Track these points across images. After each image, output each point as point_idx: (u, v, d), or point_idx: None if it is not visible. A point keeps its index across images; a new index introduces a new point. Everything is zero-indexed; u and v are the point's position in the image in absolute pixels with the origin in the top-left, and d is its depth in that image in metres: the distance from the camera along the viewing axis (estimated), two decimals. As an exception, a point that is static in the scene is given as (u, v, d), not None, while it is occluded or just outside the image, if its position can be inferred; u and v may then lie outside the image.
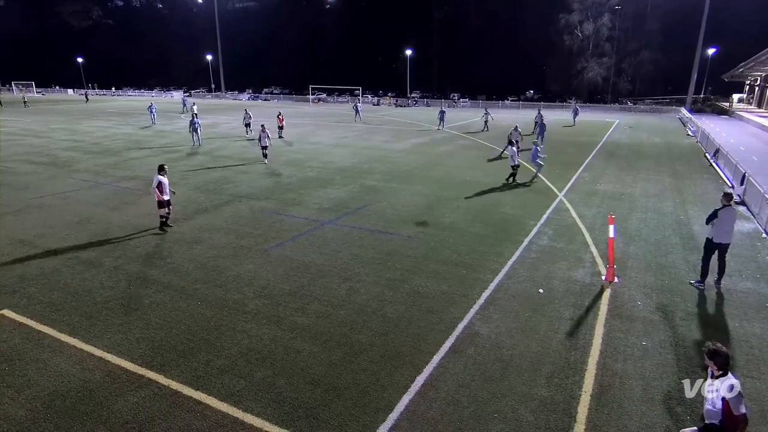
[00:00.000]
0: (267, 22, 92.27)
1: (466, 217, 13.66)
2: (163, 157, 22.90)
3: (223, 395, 6.05)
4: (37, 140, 29.36)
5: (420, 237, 11.89)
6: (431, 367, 6.64)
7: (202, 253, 10.81)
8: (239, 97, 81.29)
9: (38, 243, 11.40)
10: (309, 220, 13.28)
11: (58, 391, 6.12)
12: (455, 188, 17.07)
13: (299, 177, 18.80)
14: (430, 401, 5.98)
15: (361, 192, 16.49)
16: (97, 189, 16.79)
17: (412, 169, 20.56)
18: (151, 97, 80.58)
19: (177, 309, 8.24)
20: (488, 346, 7.16)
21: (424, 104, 67.29)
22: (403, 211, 14.18)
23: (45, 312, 8.11)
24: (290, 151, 25.21)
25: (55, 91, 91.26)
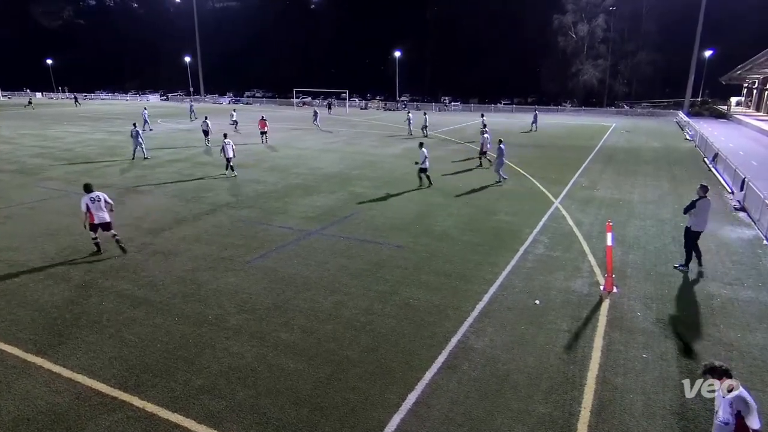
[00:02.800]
0: (249, 23, 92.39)
1: (458, 224, 13.71)
2: (138, 164, 22.70)
3: (202, 417, 5.95)
4: (4, 146, 28.95)
5: (411, 246, 11.89)
6: (423, 384, 6.60)
7: (180, 265, 10.69)
8: (219, 100, 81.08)
9: (3, 257, 11.19)
10: (294, 229, 13.22)
11: (23, 416, 5.97)
12: (447, 195, 17.14)
13: (284, 184, 18.75)
14: (423, 420, 5.94)
15: (349, 199, 16.48)
16: (67, 198, 16.56)
17: (402, 174, 20.62)
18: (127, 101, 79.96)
19: (153, 325, 8.12)
20: (483, 361, 7.15)
21: (414, 107, 67.70)
22: (393, 219, 14.19)
23: (9, 330, 7.94)
24: (275, 157, 25.17)
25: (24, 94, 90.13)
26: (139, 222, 13.83)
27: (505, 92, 76.27)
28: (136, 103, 74.66)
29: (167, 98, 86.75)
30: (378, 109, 66.16)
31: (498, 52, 74.35)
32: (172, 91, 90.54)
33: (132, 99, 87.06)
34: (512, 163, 23.45)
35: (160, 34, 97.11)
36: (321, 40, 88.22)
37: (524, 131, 39.16)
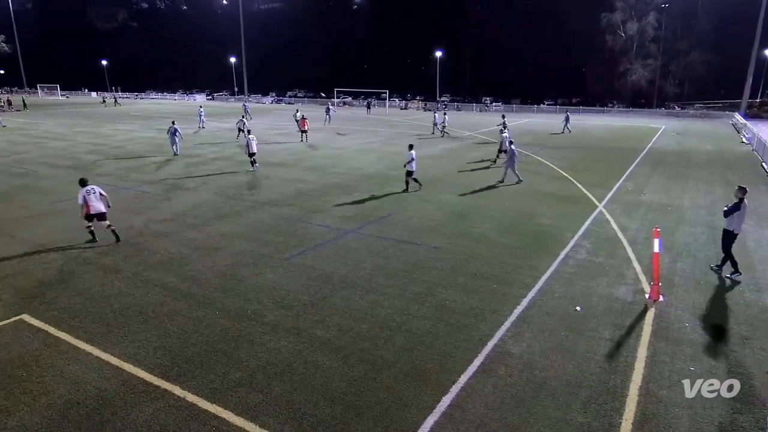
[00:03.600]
0: (292, 23, 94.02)
1: (497, 227, 13.52)
2: (184, 161, 23.50)
3: (239, 409, 6.11)
4: (61, 143, 30.57)
5: (448, 248, 11.81)
6: (458, 387, 6.55)
7: (221, 260, 11.00)
8: (262, 100, 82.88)
9: (59, 247, 11.82)
10: (332, 228, 13.37)
11: (74, 399, 6.29)
12: (486, 196, 16.93)
13: (323, 183, 18.98)
14: (457, 423, 5.89)
15: (387, 200, 16.53)
16: (117, 193, 17.30)
17: (441, 175, 20.51)
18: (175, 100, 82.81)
19: (195, 318, 8.39)
20: (520, 367, 7.02)
21: (454, 108, 67.18)
22: (430, 220, 14.14)
23: (63, 318, 8.37)
24: (315, 156, 25.51)
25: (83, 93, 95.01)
26: (183, 217, 14.31)
27: (548, 92, 74.64)
28: (184, 103, 77.25)
29: (213, 98, 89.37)
30: (418, 110, 66.04)
31: (541, 51, 72.77)
32: (218, 91, 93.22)
33: (179, 98, 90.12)
34: (555, 166, 22.95)
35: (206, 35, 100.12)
36: (362, 40, 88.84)
37: (554, 133, 38.12)
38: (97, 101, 79.61)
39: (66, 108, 65.12)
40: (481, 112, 63.12)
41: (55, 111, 59.30)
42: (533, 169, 22.43)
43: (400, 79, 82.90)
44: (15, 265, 10.73)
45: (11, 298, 9.11)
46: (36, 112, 57.31)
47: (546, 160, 24.54)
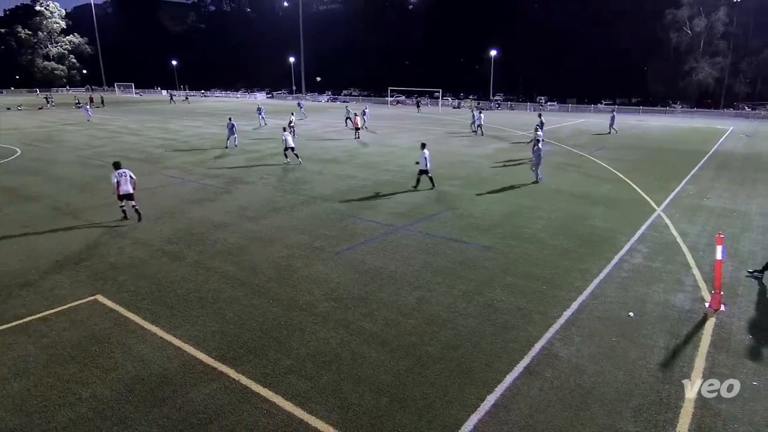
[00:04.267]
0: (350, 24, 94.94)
1: (549, 228, 13.14)
2: (243, 157, 24.31)
3: (289, 395, 6.27)
4: (134, 138, 32.41)
5: (497, 248, 11.61)
6: (503, 387, 6.43)
7: (276, 251, 11.32)
8: (319, 98, 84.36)
9: (129, 234, 12.55)
10: (382, 224, 13.45)
11: (139, 376, 6.67)
12: (538, 197, 16.49)
13: (374, 180, 19.10)
14: (501, 423, 5.79)
15: (437, 198, 16.43)
16: (183, 186, 18.17)
17: (492, 175, 20.16)
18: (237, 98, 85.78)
19: (250, 306, 8.69)
20: (568, 371, 6.80)
21: (507, 107, 65.78)
22: (480, 219, 13.93)
23: (132, 300, 8.89)
24: (367, 154, 25.71)
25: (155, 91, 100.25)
26: (242, 210, 14.82)
27: (606, 92, 71.53)
28: (245, 101, 79.88)
29: (272, 96, 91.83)
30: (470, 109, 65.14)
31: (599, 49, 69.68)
32: (277, 90, 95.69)
33: (241, 97, 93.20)
34: (611, 168, 22.03)
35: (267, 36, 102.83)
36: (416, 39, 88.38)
37: (600, 133, 36.39)
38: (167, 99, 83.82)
39: (139, 105, 68.91)
40: (535, 112, 61.44)
41: (129, 108, 62.91)
42: (587, 170, 21.63)
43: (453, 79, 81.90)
44: (91, 249, 11.49)
45: (87, 279, 9.77)
46: (113, 108, 61.02)
47: (602, 162, 23.58)
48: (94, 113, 46.81)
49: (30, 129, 37.98)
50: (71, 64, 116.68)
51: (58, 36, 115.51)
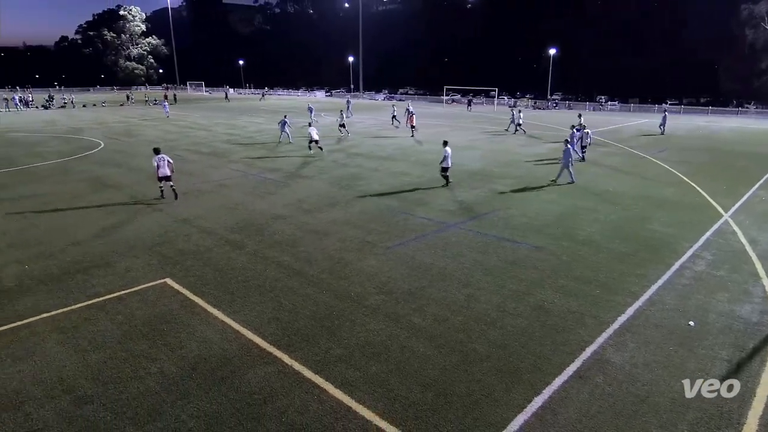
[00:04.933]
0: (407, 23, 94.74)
1: (604, 231, 12.59)
2: (301, 153, 24.88)
3: (339, 383, 6.38)
4: (203, 133, 33.95)
5: (550, 249, 11.25)
6: (551, 390, 6.24)
7: (330, 244, 11.53)
8: (375, 97, 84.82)
9: (196, 223, 13.18)
10: (434, 221, 13.37)
11: (202, 355, 7.02)
12: (595, 199, 15.82)
13: (428, 178, 19.01)
14: (547, 426, 5.63)
15: (489, 197, 16.14)
16: (246, 179, 18.85)
17: (546, 175, 19.54)
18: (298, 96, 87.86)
19: (304, 295, 8.91)
20: (620, 377, 6.50)
21: (565, 106, 63.49)
22: (533, 219, 13.56)
23: (197, 284, 9.35)
24: (421, 151, 25.61)
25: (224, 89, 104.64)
26: (300, 203, 15.20)
27: (671, 92, 67.35)
28: (305, 99, 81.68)
29: (331, 94, 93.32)
30: (527, 108, 63.37)
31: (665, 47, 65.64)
32: (336, 88, 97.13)
33: (302, 95, 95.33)
34: (675, 170, 20.78)
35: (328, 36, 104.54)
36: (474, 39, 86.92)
37: (647, 134, 34.20)
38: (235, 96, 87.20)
39: (208, 102, 72.05)
40: (594, 111, 58.89)
41: (199, 105, 65.92)
42: (648, 172, 20.50)
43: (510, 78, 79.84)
44: (162, 236, 12.17)
45: (158, 263, 10.37)
46: (184, 105, 64.18)
47: (664, 164, 22.28)
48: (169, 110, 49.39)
49: (112, 124, 40.67)
50: (149, 64, 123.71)
51: (139, 38, 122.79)
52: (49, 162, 22.80)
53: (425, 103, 70.99)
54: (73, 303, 8.56)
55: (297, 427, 5.61)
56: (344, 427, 5.62)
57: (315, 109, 41.85)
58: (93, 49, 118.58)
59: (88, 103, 65.73)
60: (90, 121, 42.49)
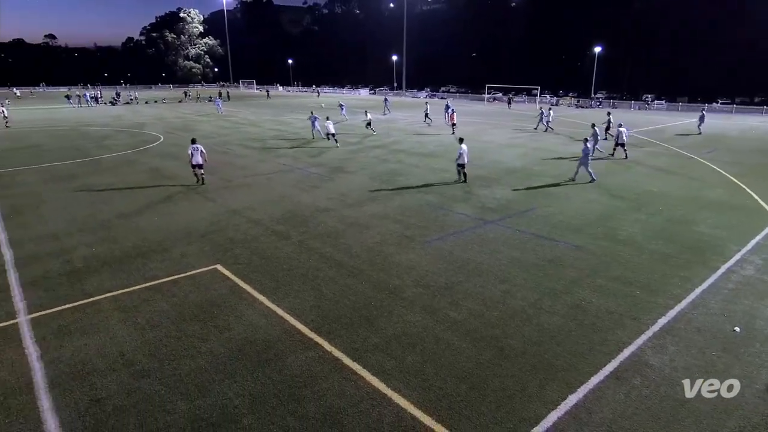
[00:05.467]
0: (451, 22, 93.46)
1: (646, 231, 12.05)
2: (345, 148, 25.10)
3: (375, 371, 6.44)
4: (253, 129, 34.81)
5: (589, 248, 10.88)
6: (586, 388, 6.07)
7: (370, 237, 11.60)
8: (417, 95, 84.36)
9: (245, 214, 13.56)
10: (472, 217, 13.21)
11: (248, 339, 7.24)
12: (637, 199, 15.17)
13: (468, 174, 18.75)
14: (581, 424, 5.48)
15: (529, 194, 15.77)
16: (292, 173, 19.22)
17: (587, 174, 18.86)
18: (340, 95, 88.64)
19: (345, 285, 9.01)
20: (659, 380, 6.24)
21: (609, 105, 61.04)
22: (572, 218, 13.15)
23: (245, 271, 9.63)
24: (460, 149, 25.26)
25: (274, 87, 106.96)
26: (342, 197, 15.35)
27: (724, 90, 63.39)
28: (349, 96, 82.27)
29: (375, 92, 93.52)
30: (569, 107, 61.38)
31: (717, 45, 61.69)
32: (379, 86, 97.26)
33: (347, 93, 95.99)
34: (725, 171, 19.62)
35: (373, 36, 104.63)
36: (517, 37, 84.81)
37: (684, 134, 32.20)
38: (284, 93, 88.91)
39: (259, 99, 73.75)
40: (640, 110, 56.33)
41: (250, 102, 67.60)
42: (695, 173, 19.45)
43: (553, 76, 77.42)
44: (214, 224, 12.60)
45: (210, 250, 10.75)
46: (237, 102, 65.97)
47: (713, 164, 21.06)
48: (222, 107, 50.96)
49: (171, 119, 42.34)
50: (206, 63, 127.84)
51: (197, 39, 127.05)
52: (115, 153, 24.02)
53: (466, 102, 70.03)
54: (134, 284, 9.02)
55: (335, 410, 5.71)
56: (380, 413, 5.67)
57: (346, 106, 42.04)
58: (155, 49, 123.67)
59: (150, 99, 68.69)
60: (151, 117, 44.41)
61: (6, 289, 8.89)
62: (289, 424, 5.49)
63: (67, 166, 20.95)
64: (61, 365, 6.58)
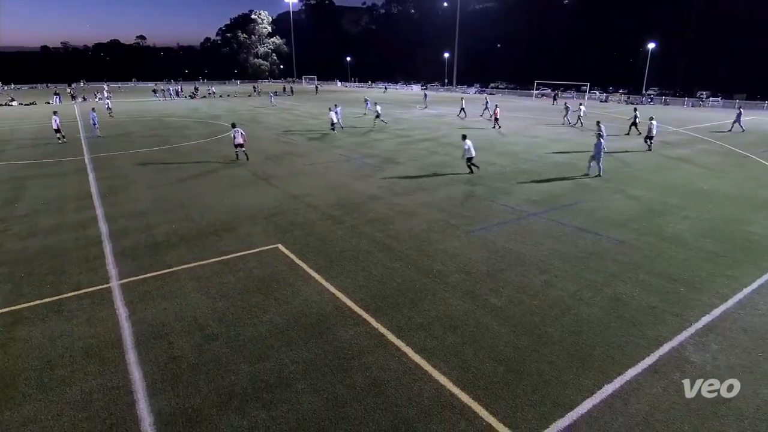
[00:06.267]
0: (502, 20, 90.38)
1: (694, 229, 11.26)
2: (395, 140, 25.05)
3: (418, 348, 6.48)
4: (313, 121, 35.42)
5: (632, 243, 10.33)
6: (623, 380, 5.82)
7: (417, 224, 11.58)
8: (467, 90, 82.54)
9: (305, 199, 13.91)
10: (516, 209, 12.86)
11: (303, 311, 7.48)
12: (686, 196, 14.18)
13: (513, 168, 18.25)
14: (616, 413, 5.27)
15: (573, 188, 15.13)
16: (348, 163, 19.45)
17: (635, 170, 17.85)
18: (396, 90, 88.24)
19: (392, 268, 9.08)
20: (700, 377, 5.87)
21: (661, 102, 57.06)
22: (617, 213, 12.50)
23: (302, 251, 9.91)
24: (507, 143, 24.59)
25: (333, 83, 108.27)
26: (392, 186, 15.39)
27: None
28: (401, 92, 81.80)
29: (426, 88, 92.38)
30: (619, 103, 57.92)
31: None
32: (430, 82, 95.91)
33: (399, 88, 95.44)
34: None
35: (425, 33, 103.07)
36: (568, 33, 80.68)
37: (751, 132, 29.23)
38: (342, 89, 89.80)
39: (320, 94, 74.87)
40: (693, 108, 52.26)
41: (312, 96, 68.71)
42: (750, 172, 17.88)
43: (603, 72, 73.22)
44: (277, 208, 13.03)
45: (273, 231, 11.14)
46: (299, 97, 67.30)
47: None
48: (285, 101, 52.22)
49: (241, 111, 43.88)
50: (273, 61, 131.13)
51: (265, 38, 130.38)
52: (193, 142, 25.27)
53: (515, 97, 67.78)
54: (206, 258, 9.53)
55: (379, 382, 5.81)
56: (420, 388, 5.71)
57: (371, 99, 41.83)
58: (229, 48, 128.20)
59: (224, 94, 71.46)
60: (224, 109, 46.22)
61: (102, 257, 9.66)
62: (337, 391, 5.65)
63: (152, 152, 22.31)
64: (145, 325, 7.10)
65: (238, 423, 5.19)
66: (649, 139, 22.10)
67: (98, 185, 15.79)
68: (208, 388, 5.73)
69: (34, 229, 11.47)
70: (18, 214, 12.75)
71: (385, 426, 5.13)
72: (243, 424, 5.17)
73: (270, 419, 5.23)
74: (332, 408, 5.39)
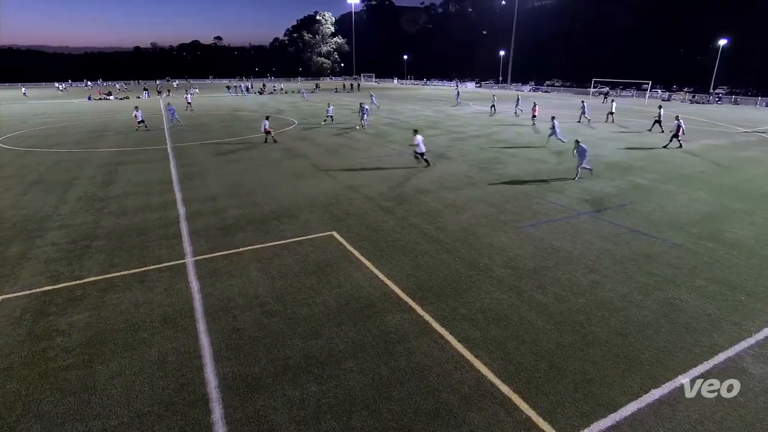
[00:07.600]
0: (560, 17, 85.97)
1: (760, 235, 10.23)
2: (448, 136, 24.66)
3: (461, 338, 6.41)
4: (370, 117, 35.59)
5: (690, 247, 9.56)
6: (672, 385, 5.44)
7: (465, 218, 11.39)
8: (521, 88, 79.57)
9: (360, 190, 14.09)
10: (566, 207, 12.30)
11: (353, 296, 7.62)
12: (753, 200, 12.90)
13: (564, 167, 17.43)
14: (663, 419, 4.95)
15: (628, 189, 14.22)
16: (400, 157, 19.44)
17: (696, 172, 16.46)
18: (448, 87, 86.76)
19: (439, 259, 9.01)
20: (757, 390, 5.37)
21: (730, 101, 52.04)
22: (674, 216, 11.61)
23: (355, 239, 10.07)
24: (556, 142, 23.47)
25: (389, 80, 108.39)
26: (442, 181, 15.21)
27: None
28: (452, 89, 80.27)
29: (480, 85, 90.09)
30: (682, 102, 53.46)
31: None
32: (485, 80, 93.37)
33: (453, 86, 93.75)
34: None
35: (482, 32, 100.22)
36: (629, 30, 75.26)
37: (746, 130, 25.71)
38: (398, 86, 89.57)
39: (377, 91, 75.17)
40: (766, 107, 47.20)
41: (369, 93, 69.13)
42: None
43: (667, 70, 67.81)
44: (334, 198, 13.30)
45: (329, 219, 11.40)
46: (359, 93, 67.93)
47: None
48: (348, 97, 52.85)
49: (303, 107, 45.01)
50: (334, 59, 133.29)
51: (328, 38, 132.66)
52: (260, 135, 26.27)
53: (570, 95, 64.46)
54: (269, 241, 9.93)
55: (422, 367, 5.82)
56: (461, 376, 5.66)
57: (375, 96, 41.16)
58: (295, 47, 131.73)
59: (289, 90, 73.59)
60: (288, 104, 47.63)
61: (179, 236, 10.34)
62: (382, 372, 5.73)
63: (224, 143, 23.47)
64: (213, 299, 7.54)
65: (291, 393, 5.40)
66: (675, 137, 21.27)
67: (177, 172, 16.87)
68: (266, 359, 6.01)
69: (125, 208, 12.48)
70: (113, 194, 13.92)
71: (425, 409, 5.14)
72: (296, 394, 5.38)
73: (320, 392, 5.40)
74: (377, 387, 5.48)
